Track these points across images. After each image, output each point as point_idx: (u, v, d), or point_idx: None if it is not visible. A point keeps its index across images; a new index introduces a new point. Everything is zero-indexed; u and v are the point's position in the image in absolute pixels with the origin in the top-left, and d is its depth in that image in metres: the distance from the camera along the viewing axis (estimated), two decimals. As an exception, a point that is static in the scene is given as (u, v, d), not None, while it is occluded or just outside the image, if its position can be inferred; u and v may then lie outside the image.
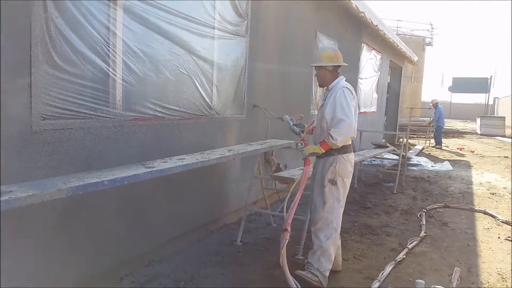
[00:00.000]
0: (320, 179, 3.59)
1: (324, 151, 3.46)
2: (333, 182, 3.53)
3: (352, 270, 3.92)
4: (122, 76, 3.19)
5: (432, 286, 2.52)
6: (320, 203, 3.58)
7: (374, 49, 11.11)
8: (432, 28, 30.03)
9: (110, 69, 3.09)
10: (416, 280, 2.45)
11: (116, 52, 3.12)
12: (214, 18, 4.34)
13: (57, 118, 2.68)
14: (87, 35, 2.90)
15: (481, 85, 38.97)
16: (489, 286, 3.70)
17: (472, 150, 14.68)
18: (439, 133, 15.66)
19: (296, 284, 3.21)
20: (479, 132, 23.26)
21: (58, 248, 2.77)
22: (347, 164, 3.56)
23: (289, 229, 3.35)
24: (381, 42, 11.27)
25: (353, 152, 3.74)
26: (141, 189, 3.36)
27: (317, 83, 3.93)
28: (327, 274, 3.52)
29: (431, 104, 16.84)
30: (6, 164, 2.33)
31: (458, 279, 2.65)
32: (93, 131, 2.93)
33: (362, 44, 10.04)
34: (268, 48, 5.52)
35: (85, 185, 2.01)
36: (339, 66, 3.70)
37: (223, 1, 4.46)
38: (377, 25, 9.17)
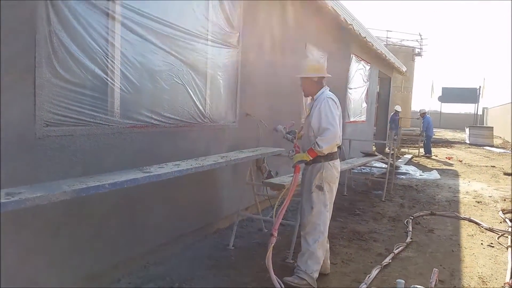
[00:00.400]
0: (308, 185, 3.75)
1: (311, 158, 3.61)
2: (320, 188, 3.69)
3: (340, 274, 4.06)
4: (120, 85, 3.34)
5: (412, 286, 2.67)
6: (307, 208, 3.74)
7: (363, 60, 11.36)
8: (421, 39, 30.58)
9: (109, 79, 3.23)
10: (397, 280, 2.60)
11: (114, 63, 3.27)
12: (208, 30, 4.51)
13: (59, 125, 2.82)
14: (87, 46, 3.05)
15: (470, 95, 39.59)
16: (470, 288, 3.87)
17: (461, 160, 14.94)
18: (428, 142, 15.95)
19: (280, 285, 3.37)
20: (468, 141, 23.60)
21: (57, 248, 2.88)
22: (333, 170, 3.71)
23: (275, 234, 3.51)
24: (369, 53, 11.53)
25: (343, 160, 3.91)
26: (137, 194, 3.49)
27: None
28: (316, 275, 3.66)
29: (419, 114, 17.14)
30: (13, 167, 2.47)
31: (436, 279, 2.80)
32: (93, 138, 3.07)
33: (351, 55, 10.28)
34: (260, 59, 5.70)
35: (88, 188, 2.14)
36: (323, 77, 3.86)
37: (216, 13, 4.63)
38: (365, 37, 9.41)
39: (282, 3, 6.16)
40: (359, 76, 11.45)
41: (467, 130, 25.16)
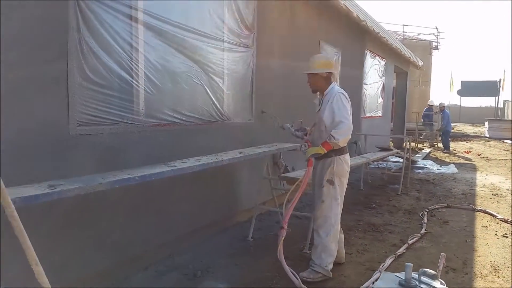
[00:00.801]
0: (319, 179, 3.85)
1: (326, 152, 3.68)
2: (331, 182, 3.77)
3: (355, 263, 4.22)
4: (144, 87, 3.58)
5: (421, 269, 2.82)
6: (318, 202, 3.83)
7: (378, 55, 11.41)
8: (438, 32, 30.22)
9: (134, 81, 3.48)
10: (406, 264, 2.76)
11: (138, 66, 3.51)
12: (224, 32, 4.72)
13: (90, 125, 3.08)
14: (114, 51, 3.30)
15: (490, 88, 38.83)
16: (481, 276, 4.00)
17: (479, 153, 14.84)
18: (446, 137, 15.76)
19: (294, 274, 3.46)
20: (487, 135, 23.30)
21: (89, 237, 3.15)
22: (344, 165, 3.81)
23: (285, 226, 3.56)
24: (384, 48, 11.57)
25: (359, 155, 4.02)
26: (162, 188, 3.74)
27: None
28: (330, 267, 3.78)
29: (438, 107, 16.94)
30: (51, 162, 2.73)
31: (443, 263, 2.94)
32: (121, 136, 3.32)
33: (366, 51, 10.36)
34: (274, 58, 5.89)
35: (120, 180, 2.38)
36: (331, 72, 3.90)
37: (231, 16, 4.84)
38: (379, 33, 9.50)
39: (294, 3, 6.33)
40: (374, 71, 11.51)
41: (486, 123, 24.81)
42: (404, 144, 9.47)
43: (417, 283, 2.74)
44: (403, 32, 28.21)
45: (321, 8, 7.20)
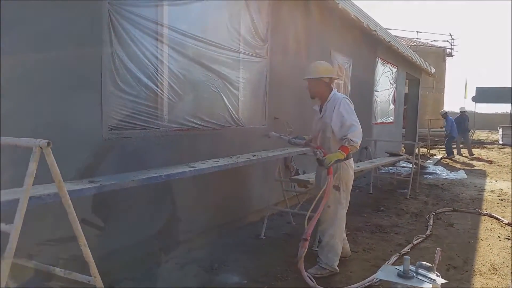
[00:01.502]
0: (324, 184, 3.91)
1: (345, 156, 3.71)
2: (337, 188, 3.90)
3: (361, 260, 4.50)
4: (168, 95, 3.95)
5: (418, 262, 3.10)
6: (325, 207, 3.92)
7: (389, 62, 11.65)
8: (452, 39, 30.23)
9: (159, 90, 3.85)
10: (404, 257, 3.04)
11: (163, 76, 3.88)
12: (240, 44, 5.07)
13: (121, 129, 3.45)
14: (141, 63, 3.67)
15: (505, 94, 38.47)
16: (480, 273, 4.24)
17: (491, 160, 14.91)
18: (449, 143, 15.68)
19: (312, 280, 3.63)
20: (501, 142, 23.22)
21: (118, 229, 3.51)
22: (349, 170, 3.98)
23: (308, 239, 3.63)
24: (396, 56, 11.80)
25: (368, 159, 4.18)
26: (180, 187, 4.08)
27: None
28: (336, 263, 4.03)
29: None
30: (87, 162, 3.11)
31: (439, 257, 3.21)
32: (146, 139, 3.68)
33: (377, 59, 10.62)
34: (287, 67, 6.21)
35: (149, 178, 2.72)
36: (332, 78, 3.99)
37: (247, 28, 5.20)
38: (389, 41, 9.76)
39: (305, 14, 6.66)
40: (386, 78, 11.74)
41: (500, 130, 24.71)
42: (415, 150, 9.65)
43: (414, 274, 3.03)
44: (416, 39, 28.30)
45: (332, 18, 7.51)
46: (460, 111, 17.30)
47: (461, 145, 16.83)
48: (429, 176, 10.76)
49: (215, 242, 4.72)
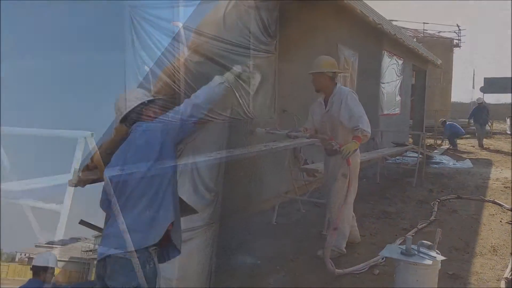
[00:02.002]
0: (333, 173, 4.22)
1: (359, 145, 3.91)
2: (345, 176, 4.06)
3: (367, 243, 4.78)
4: (184, 91, 4.23)
5: (419, 241, 3.37)
6: (333, 194, 4.20)
7: (395, 55, 11.80)
8: (460, 30, 30.06)
9: (176, 86, 4.13)
10: (406, 236, 3.31)
11: (180, 73, 4.15)
12: (250, 41, 5.33)
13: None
14: (161, 63, 3.95)
15: (514, 84, 38.23)
16: (480, 254, 4.50)
17: (497, 150, 15.03)
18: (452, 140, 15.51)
19: (332, 266, 3.81)
20: (509, 132, 23.22)
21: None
22: (356, 158, 4.18)
23: (337, 227, 3.87)
24: (401, 48, 11.93)
25: (375, 149, 4.38)
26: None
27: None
28: (344, 245, 4.32)
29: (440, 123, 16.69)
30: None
31: (439, 237, 3.46)
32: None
33: (383, 52, 10.79)
34: (295, 62, 6.46)
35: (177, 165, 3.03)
36: (336, 73, 4.18)
37: (256, 26, 5.45)
38: (395, 34, 9.92)
39: (312, 9, 6.88)
40: (392, 70, 11.89)
41: (508, 120, 24.70)
42: (421, 140, 9.86)
43: (416, 252, 3.30)
44: (423, 30, 28.21)
45: (337, 13, 7.71)
46: (478, 102, 17.20)
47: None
48: (436, 165, 10.94)
49: (231, 226, 5.02)
